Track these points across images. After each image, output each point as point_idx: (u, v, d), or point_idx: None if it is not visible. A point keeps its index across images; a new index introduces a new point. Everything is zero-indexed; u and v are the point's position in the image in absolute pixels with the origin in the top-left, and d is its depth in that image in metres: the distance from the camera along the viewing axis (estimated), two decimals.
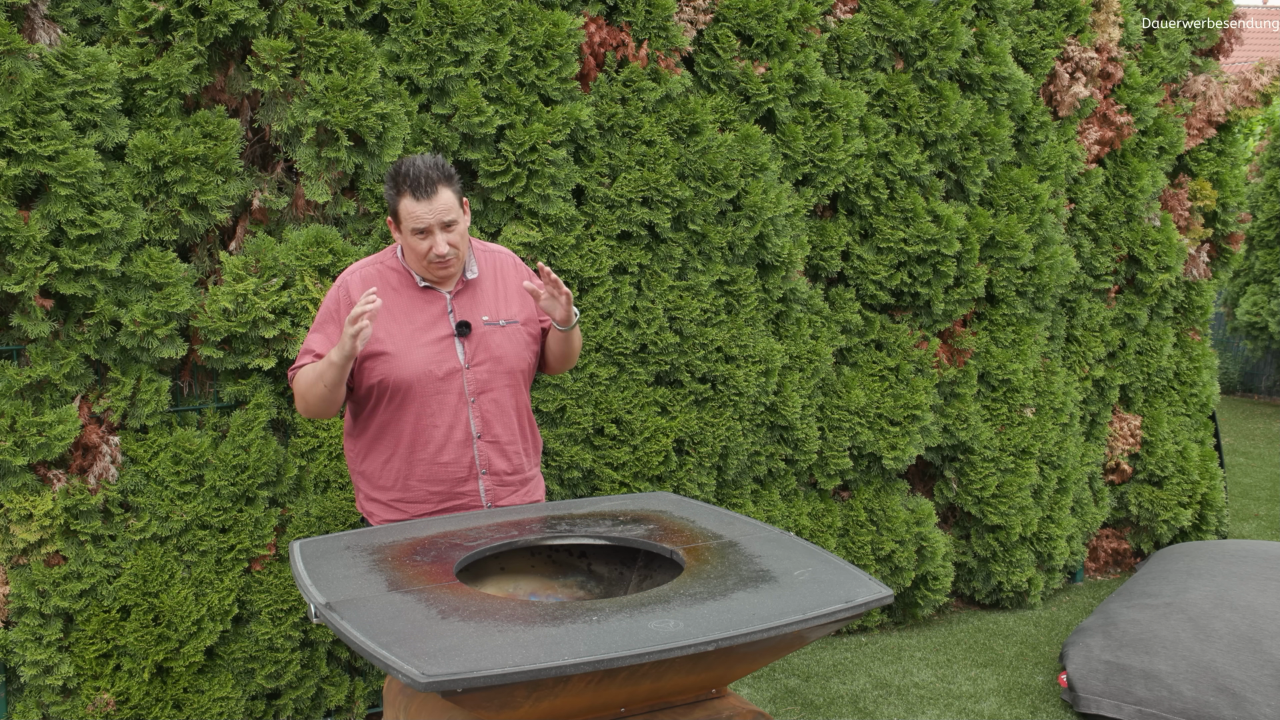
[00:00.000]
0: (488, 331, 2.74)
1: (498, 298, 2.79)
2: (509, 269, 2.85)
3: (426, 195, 2.58)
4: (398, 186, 2.60)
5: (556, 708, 1.92)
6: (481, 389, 2.72)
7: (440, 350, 2.69)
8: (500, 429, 2.76)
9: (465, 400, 2.71)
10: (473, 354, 2.71)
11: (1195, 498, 5.32)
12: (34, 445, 3.01)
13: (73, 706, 3.19)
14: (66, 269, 3.02)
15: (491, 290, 2.79)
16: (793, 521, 4.24)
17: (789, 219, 4.08)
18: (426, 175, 2.57)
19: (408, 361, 2.66)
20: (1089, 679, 3.77)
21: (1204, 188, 5.17)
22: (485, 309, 2.75)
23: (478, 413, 2.72)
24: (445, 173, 2.61)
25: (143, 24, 3.07)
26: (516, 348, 2.77)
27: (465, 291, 2.75)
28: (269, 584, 3.37)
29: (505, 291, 2.81)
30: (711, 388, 4.02)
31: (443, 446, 2.70)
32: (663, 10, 3.73)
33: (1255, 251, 9.88)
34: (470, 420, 2.71)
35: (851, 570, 2.21)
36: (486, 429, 2.74)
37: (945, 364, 4.52)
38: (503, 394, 2.75)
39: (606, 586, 2.58)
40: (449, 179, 2.62)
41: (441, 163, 2.62)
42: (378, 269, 2.75)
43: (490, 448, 2.75)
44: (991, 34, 4.37)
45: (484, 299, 2.77)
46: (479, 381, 2.72)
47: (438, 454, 2.70)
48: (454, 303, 2.73)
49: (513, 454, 2.79)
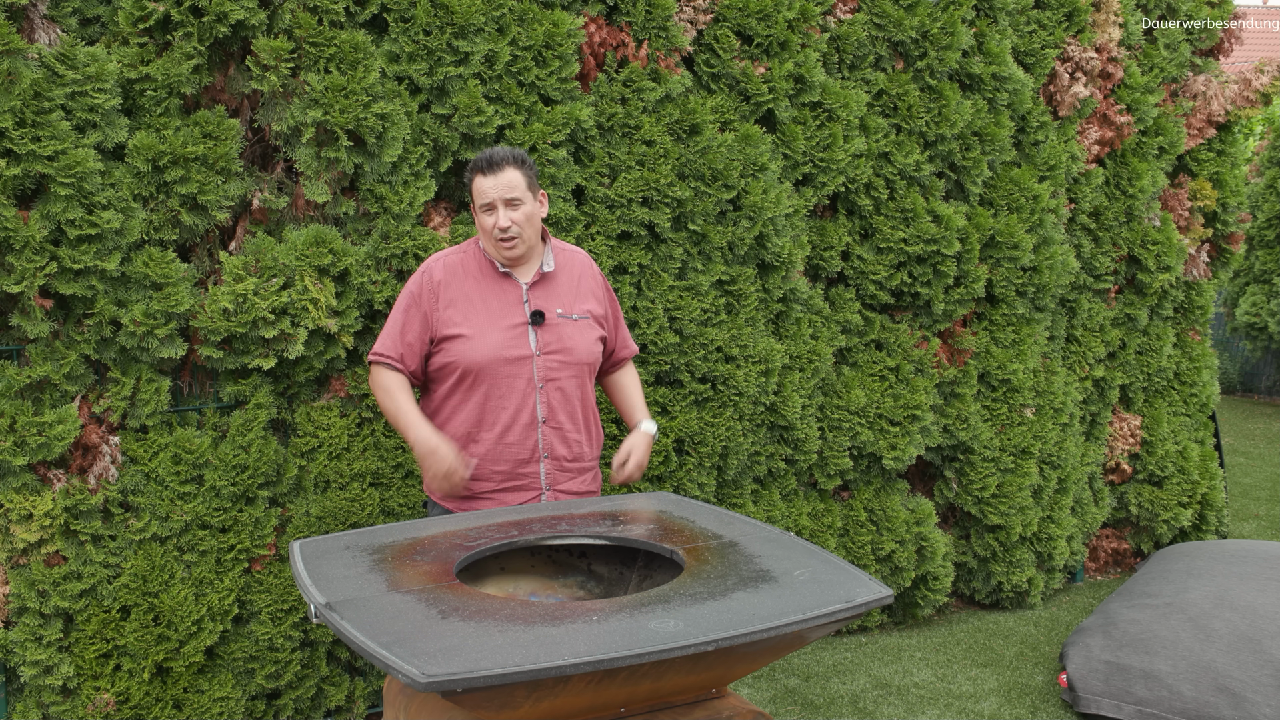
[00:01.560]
0: (561, 323, 2.87)
1: (572, 292, 2.92)
2: (585, 268, 3.00)
3: (492, 171, 2.75)
4: (472, 167, 2.80)
5: (556, 708, 1.92)
6: (550, 376, 2.84)
7: (514, 336, 2.82)
8: (564, 416, 2.87)
9: (534, 386, 2.83)
10: (545, 343, 2.84)
11: (1195, 498, 5.32)
12: (34, 445, 3.00)
13: (73, 706, 3.19)
14: (66, 269, 3.02)
15: (567, 285, 2.92)
16: (793, 521, 4.24)
17: (789, 219, 4.08)
18: (498, 154, 2.77)
19: (482, 344, 2.79)
20: (1089, 679, 3.77)
21: (1204, 188, 5.17)
22: (559, 302, 2.89)
23: (544, 399, 2.84)
24: (518, 157, 2.79)
25: (142, 24, 3.07)
26: (586, 341, 2.91)
27: (541, 283, 2.89)
28: (269, 584, 3.37)
29: (579, 289, 2.94)
30: (711, 388, 4.02)
31: (509, 428, 2.82)
32: (663, 10, 3.72)
33: (1255, 251, 9.89)
34: (537, 405, 2.83)
35: (851, 570, 2.21)
36: (552, 415, 2.85)
37: (945, 364, 4.52)
38: (569, 383, 2.87)
39: (606, 586, 2.58)
40: (520, 163, 2.79)
41: (519, 152, 2.80)
42: (460, 257, 2.90)
43: (554, 433, 2.86)
44: (991, 34, 4.37)
45: (559, 292, 2.90)
46: (548, 369, 2.84)
47: (504, 435, 2.82)
48: (530, 292, 2.87)
49: (574, 441, 2.90)
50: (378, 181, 3.41)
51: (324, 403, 3.45)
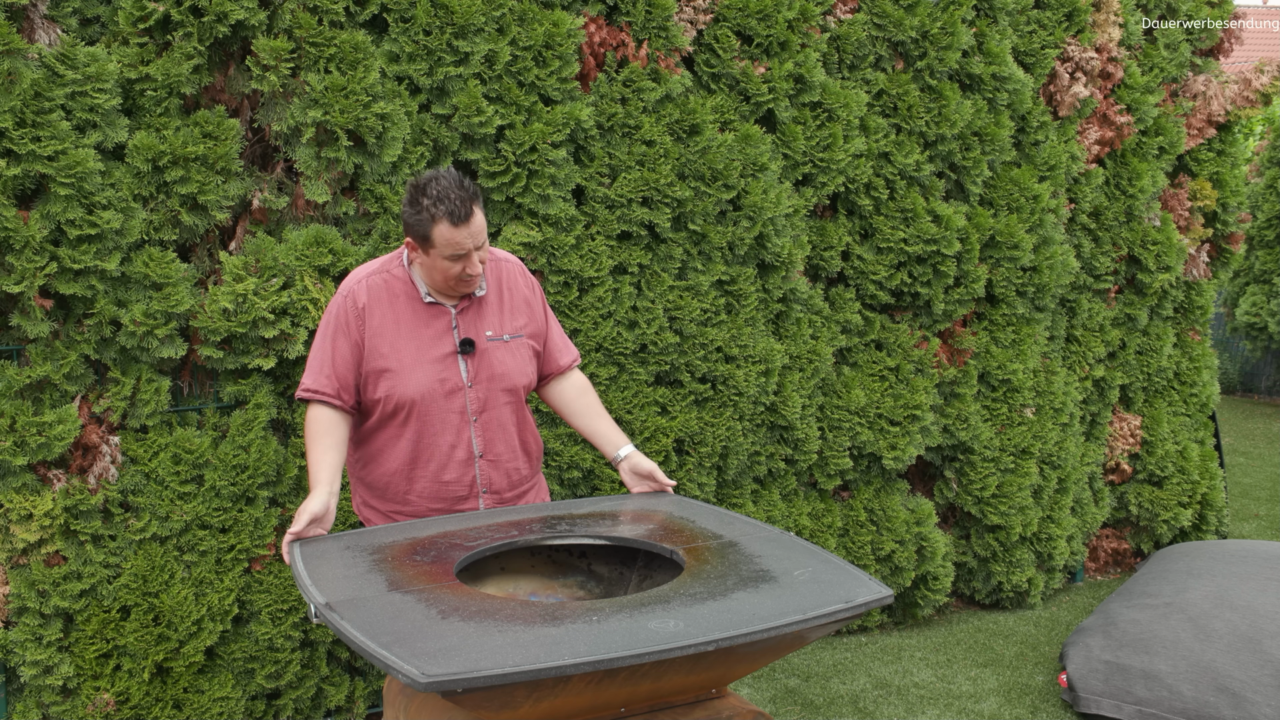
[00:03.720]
0: (491, 348, 2.69)
1: (503, 312, 2.74)
2: (516, 279, 2.80)
3: (464, 220, 2.48)
4: (431, 212, 2.47)
5: (556, 708, 1.92)
6: (483, 407, 2.68)
7: (444, 368, 2.64)
8: (502, 447, 2.73)
9: (467, 419, 2.67)
10: (475, 372, 2.67)
11: (1195, 498, 5.32)
12: (34, 445, 3.00)
13: (73, 706, 3.19)
14: (66, 269, 3.02)
15: (496, 304, 2.74)
16: (793, 521, 4.24)
17: (789, 219, 4.08)
18: (461, 198, 2.46)
19: (412, 379, 2.61)
20: (1089, 679, 3.77)
21: (1204, 188, 5.17)
22: (489, 324, 2.71)
23: (480, 431, 2.69)
24: (473, 191, 2.51)
25: (142, 24, 3.07)
26: (519, 363, 2.73)
27: (471, 308, 2.69)
28: (269, 584, 3.37)
29: (511, 304, 2.76)
30: (711, 388, 4.02)
31: (445, 465, 2.67)
32: (663, 10, 3.72)
33: (1255, 251, 9.88)
34: (472, 439, 2.68)
35: (851, 570, 2.21)
36: (489, 448, 2.71)
37: (945, 364, 4.52)
38: (503, 411, 2.72)
39: (606, 586, 2.58)
40: (476, 197, 2.52)
41: (465, 181, 2.52)
42: (384, 279, 2.67)
43: (491, 467, 2.72)
44: (991, 34, 4.37)
45: (489, 314, 2.71)
46: (480, 400, 2.68)
47: (440, 472, 2.68)
48: (459, 319, 2.67)
49: (512, 470, 2.76)
50: (378, 181, 3.41)
51: None
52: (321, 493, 2.48)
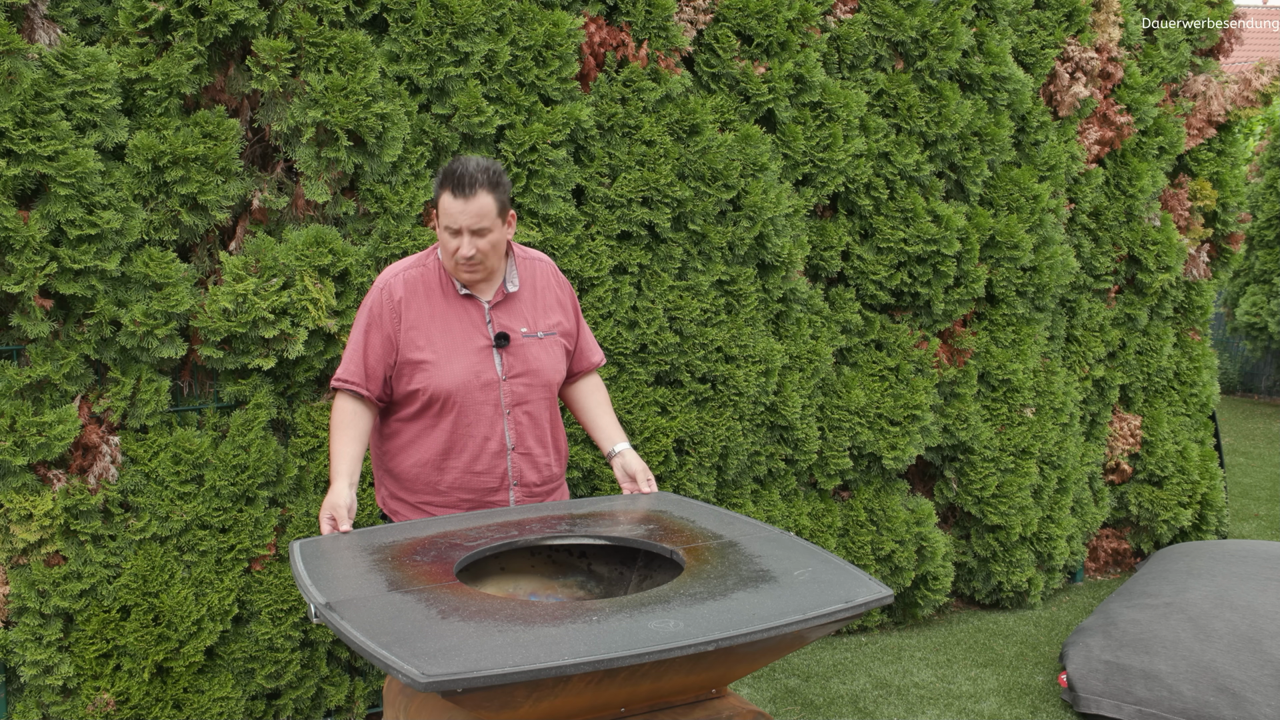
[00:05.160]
0: (525, 343, 2.73)
1: (535, 309, 2.78)
2: (549, 278, 2.85)
3: (465, 194, 2.54)
4: (443, 179, 2.57)
5: (556, 708, 1.92)
6: (518, 401, 2.72)
7: (479, 361, 2.68)
8: (533, 441, 2.76)
9: (501, 412, 2.71)
10: (510, 366, 2.71)
11: (1195, 498, 5.32)
12: (34, 445, 3.00)
13: (73, 706, 3.19)
14: (66, 269, 3.02)
15: (530, 301, 2.78)
16: (793, 521, 4.24)
17: (789, 219, 4.08)
18: (472, 175, 2.53)
19: (449, 371, 2.66)
20: (1089, 679, 3.77)
21: (1204, 188, 5.17)
22: (524, 320, 2.75)
23: (513, 425, 2.72)
24: (493, 179, 2.56)
25: (143, 24, 3.07)
26: (553, 360, 2.78)
27: (505, 303, 2.74)
28: (269, 584, 3.37)
29: (543, 303, 2.80)
30: (711, 388, 4.02)
31: (477, 456, 2.70)
32: (663, 10, 3.73)
33: (1255, 251, 9.88)
34: (506, 432, 2.71)
35: (851, 570, 2.21)
36: (520, 441, 2.74)
37: (945, 364, 4.52)
38: (538, 406, 2.76)
39: (606, 586, 2.58)
40: (494, 186, 2.56)
41: (494, 168, 2.58)
42: (420, 271, 2.72)
43: (523, 460, 2.75)
44: (991, 34, 4.37)
45: (522, 310, 2.76)
46: (515, 394, 2.72)
47: (472, 464, 2.71)
48: (493, 313, 2.72)
49: (543, 465, 2.80)
50: (378, 181, 3.41)
51: (324, 403, 3.45)
52: (341, 485, 2.58)
